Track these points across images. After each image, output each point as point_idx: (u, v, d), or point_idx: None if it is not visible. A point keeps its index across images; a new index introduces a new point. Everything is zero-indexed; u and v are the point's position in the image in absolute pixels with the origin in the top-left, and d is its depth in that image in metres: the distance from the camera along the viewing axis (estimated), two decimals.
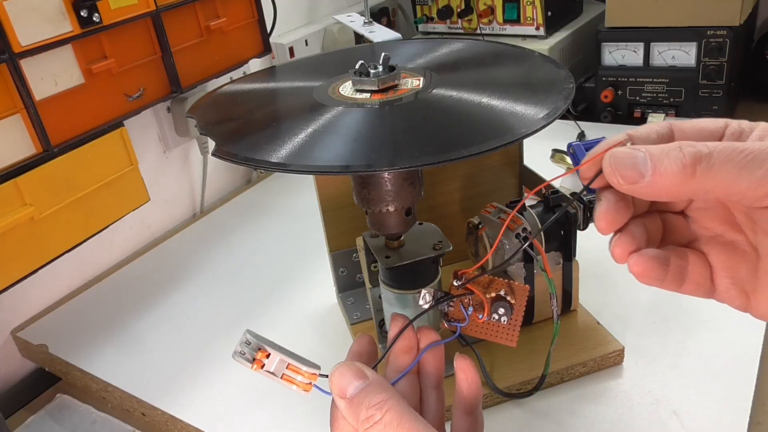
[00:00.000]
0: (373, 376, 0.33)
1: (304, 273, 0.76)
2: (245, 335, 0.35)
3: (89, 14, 0.62)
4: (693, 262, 0.31)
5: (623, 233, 0.31)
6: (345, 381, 0.33)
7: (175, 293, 0.77)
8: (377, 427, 0.31)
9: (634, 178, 0.28)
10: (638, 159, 0.28)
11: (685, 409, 0.53)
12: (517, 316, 0.40)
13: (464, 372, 0.38)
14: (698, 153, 0.27)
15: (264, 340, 0.35)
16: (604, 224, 0.31)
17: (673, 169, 0.27)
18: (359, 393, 0.32)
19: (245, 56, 0.87)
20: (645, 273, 0.30)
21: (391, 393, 0.32)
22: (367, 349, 0.39)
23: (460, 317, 0.40)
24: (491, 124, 0.40)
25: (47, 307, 0.78)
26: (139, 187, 0.71)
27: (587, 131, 1.02)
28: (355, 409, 0.32)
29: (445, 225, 0.54)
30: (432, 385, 0.39)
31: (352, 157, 0.39)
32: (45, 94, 0.60)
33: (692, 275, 0.31)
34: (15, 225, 0.58)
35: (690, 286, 0.31)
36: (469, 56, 0.55)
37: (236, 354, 0.35)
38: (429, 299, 0.40)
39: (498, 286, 0.40)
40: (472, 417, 0.38)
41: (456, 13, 1.19)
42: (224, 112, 0.49)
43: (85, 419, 0.64)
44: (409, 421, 0.31)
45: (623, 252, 0.31)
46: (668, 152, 0.27)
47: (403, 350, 0.39)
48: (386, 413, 0.31)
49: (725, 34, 0.97)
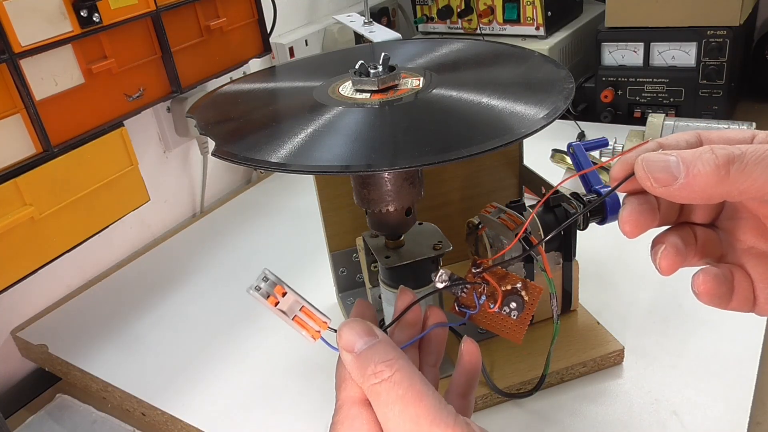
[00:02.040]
0: (383, 336, 0.32)
1: (304, 273, 0.76)
2: (264, 272, 0.35)
3: (89, 14, 0.62)
4: (738, 277, 0.31)
5: (668, 245, 0.31)
6: (354, 336, 0.32)
7: (175, 293, 0.77)
8: (385, 384, 0.30)
9: (667, 181, 0.28)
10: (671, 162, 0.28)
11: (685, 409, 0.53)
12: (527, 314, 0.40)
13: (470, 355, 0.37)
14: (731, 154, 0.27)
15: (282, 281, 0.35)
16: (629, 227, 0.31)
17: (706, 170, 0.27)
18: (368, 349, 0.31)
19: (245, 56, 0.87)
20: (710, 292, 0.31)
21: (402, 354, 0.31)
22: (368, 314, 0.38)
23: (471, 304, 0.40)
24: (491, 124, 0.40)
25: (47, 307, 0.78)
26: (139, 187, 0.71)
27: (587, 131, 1.02)
28: (363, 364, 0.31)
29: (445, 225, 0.54)
30: (431, 363, 0.39)
31: (352, 157, 0.39)
32: (45, 94, 0.60)
33: (739, 289, 0.31)
34: (15, 225, 0.58)
35: (737, 302, 0.31)
36: (469, 56, 0.55)
37: (252, 289, 0.35)
38: (446, 279, 0.40)
39: (513, 280, 0.40)
40: (465, 400, 0.38)
41: (456, 13, 1.19)
42: (224, 112, 0.49)
43: (85, 419, 0.64)
44: (420, 385, 0.30)
45: (671, 264, 0.31)
46: (701, 155, 0.28)
47: (409, 323, 0.38)
48: (396, 372, 0.30)
49: (725, 34, 0.97)
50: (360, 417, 0.31)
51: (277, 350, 0.65)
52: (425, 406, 0.29)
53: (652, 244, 0.32)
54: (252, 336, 0.67)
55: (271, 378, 0.62)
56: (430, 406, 0.29)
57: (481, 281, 0.40)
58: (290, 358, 0.64)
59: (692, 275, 0.32)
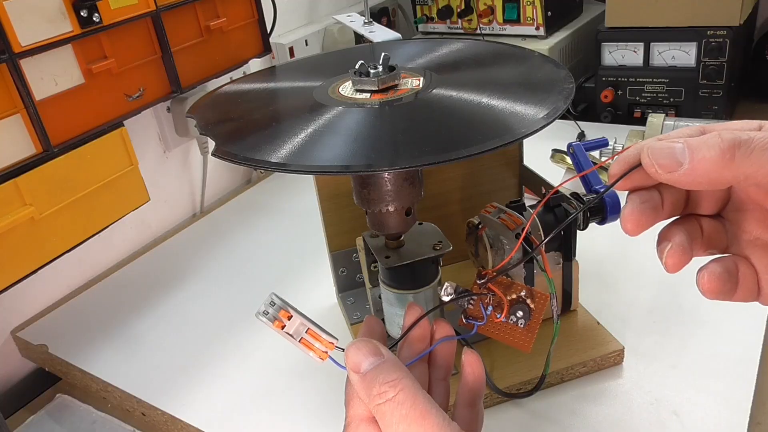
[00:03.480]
0: (388, 355, 0.33)
1: (304, 273, 0.76)
2: (271, 297, 0.36)
3: (89, 14, 0.62)
4: (742, 269, 0.31)
5: (674, 244, 0.31)
6: (360, 356, 0.33)
7: (175, 293, 0.77)
8: (389, 405, 0.31)
9: (672, 167, 0.28)
10: (676, 149, 0.28)
11: (685, 409, 0.53)
12: (534, 322, 0.40)
13: (471, 366, 0.38)
14: (738, 138, 0.27)
15: (288, 304, 0.36)
16: (631, 226, 0.31)
17: (711, 155, 0.27)
18: (374, 369, 0.32)
19: (245, 56, 0.87)
20: (716, 289, 0.31)
21: (406, 373, 0.32)
22: (377, 330, 0.39)
23: (478, 315, 0.40)
24: (491, 124, 0.40)
25: (47, 307, 0.78)
26: (139, 187, 0.71)
27: (587, 131, 1.02)
28: (368, 385, 0.32)
29: (445, 225, 0.54)
30: (440, 377, 0.39)
31: (352, 157, 0.39)
32: (45, 94, 0.60)
33: (743, 282, 0.31)
34: (15, 225, 0.58)
35: (742, 293, 0.31)
36: (469, 56, 0.55)
37: (259, 313, 0.36)
38: (451, 291, 0.40)
39: (518, 288, 0.40)
40: (473, 409, 0.38)
41: (456, 13, 1.19)
42: (224, 112, 0.49)
43: (85, 419, 0.64)
44: (423, 403, 0.31)
45: (677, 263, 0.31)
46: (707, 140, 0.28)
47: (417, 338, 0.39)
48: (400, 392, 0.31)
49: (725, 34, 0.97)
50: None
51: (278, 350, 0.65)
52: (429, 425, 0.30)
53: (658, 240, 0.33)
54: (252, 336, 0.67)
55: (271, 378, 0.62)
56: (434, 424, 0.30)
57: (487, 292, 0.40)
58: (290, 358, 0.64)
59: (696, 272, 0.32)
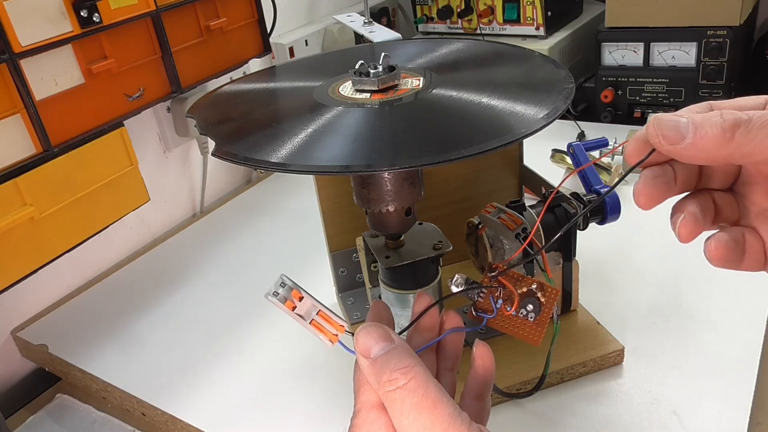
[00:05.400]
0: (399, 341, 0.32)
1: (304, 273, 0.76)
2: (281, 278, 0.35)
3: (89, 14, 0.62)
4: (749, 239, 0.33)
5: (687, 214, 0.32)
6: (370, 341, 0.32)
7: (175, 293, 0.77)
8: (400, 392, 0.30)
9: (675, 139, 0.29)
10: (681, 122, 0.29)
11: (685, 409, 0.53)
12: (544, 316, 0.40)
13: (482, 358, 0.38)
14: (738, 118, 0.28)
15: (298, 285, 0.35)
16: (644, 199, 0.32)
17: (713, 132, 0.28)
18: (384, 355, 0.31)
19: (245, 56, 0.87)
20: (723, 257, 0.32)
21: (418, 361, 0.31)
22: (385, 315, 0.38)
23: (488, 308, 0.40)
24: (491, 124, 0.40)
25: (47, 307, 0.78)
26: (139, 187, 0.71)
27: (587, 131, 1.02)
28: (379, 370, 0.31)
29: (445, 225, 0.54)
30: (448, 368, 0.39)
31: (352, 157, 0.39)
32: (45, 94, 0.60)
33: (750, 252, 0.32)
34: (15, 225, 0.58)
35: (748, 262, 0.33)
36: (469, 56, 0.55)
37: (270, 294, 0.35)
38: (461, 282, 0.40)
39: (528, 282, 0.40)
40: (481, 402, 0.38)
41: (456, 13, 1.19)
42: (224, 112, 0.49)
43: (85, 419, 0.64)
44: (435, 392, 0.30)
45: (690, 232, 0.32)
46: (710, 118, 0.29)
47: (426, 327, 0.38)
48: (411, 380, 0.30)
49: (725, 34, 0.97)
50: (377, 421, 0.31)
51: (278, 350, 0.65)
52: (440, 414, 0.29)
53: (672, 212, 0.33)
54: (252, 336, 0.67)
55: (271, 378, 0.62)
56: (445, 414, 0.29)
57: (497, 285, 0.40)
58: (290, 358, 0.64)
59: (704, 240, 0.33)
